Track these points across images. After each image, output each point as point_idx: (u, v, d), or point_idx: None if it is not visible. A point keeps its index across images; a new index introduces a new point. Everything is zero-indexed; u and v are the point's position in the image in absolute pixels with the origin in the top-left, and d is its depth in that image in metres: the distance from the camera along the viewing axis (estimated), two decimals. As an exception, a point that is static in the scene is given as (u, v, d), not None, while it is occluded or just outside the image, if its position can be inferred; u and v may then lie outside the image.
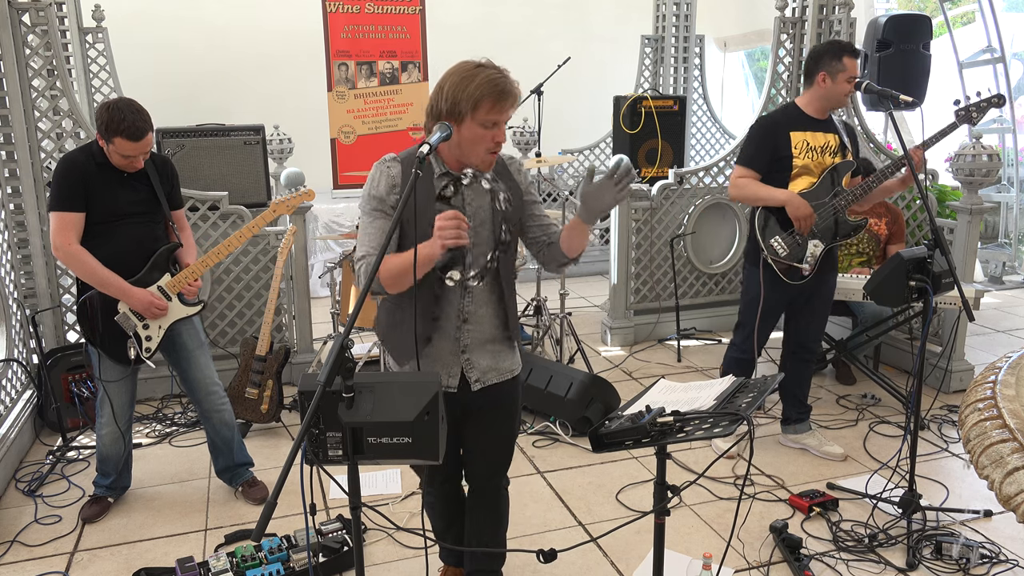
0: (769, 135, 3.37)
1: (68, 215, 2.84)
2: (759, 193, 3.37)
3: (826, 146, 3.38)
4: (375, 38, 6.97)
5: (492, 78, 1.97)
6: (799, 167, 3.35)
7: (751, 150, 3.41)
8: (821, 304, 3.54)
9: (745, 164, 3.41)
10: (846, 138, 3.43)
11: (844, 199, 3.35)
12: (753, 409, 1.80)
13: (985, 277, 7.09)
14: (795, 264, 3.36)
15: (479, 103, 1.96)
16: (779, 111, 3.51)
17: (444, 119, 2.00)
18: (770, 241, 3.38)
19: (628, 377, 4.69)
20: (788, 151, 3.34)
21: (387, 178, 2.07)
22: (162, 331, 3.05)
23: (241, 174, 5.04)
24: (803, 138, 3.35)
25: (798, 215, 3.29)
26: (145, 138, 2.84)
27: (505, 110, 2.00)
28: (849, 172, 3.41)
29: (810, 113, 3.39)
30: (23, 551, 2.97)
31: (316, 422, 1.60)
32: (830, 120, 3.43)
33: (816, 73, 3.33)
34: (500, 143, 2.04)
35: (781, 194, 3.33)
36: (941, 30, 7.05)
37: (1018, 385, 1.63)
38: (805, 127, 3.37)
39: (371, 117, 7.07)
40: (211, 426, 3.26)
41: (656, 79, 7.29)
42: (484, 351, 2.19)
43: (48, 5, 3.90)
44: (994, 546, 2.88)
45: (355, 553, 1.74)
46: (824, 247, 3.37)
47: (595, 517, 3.17)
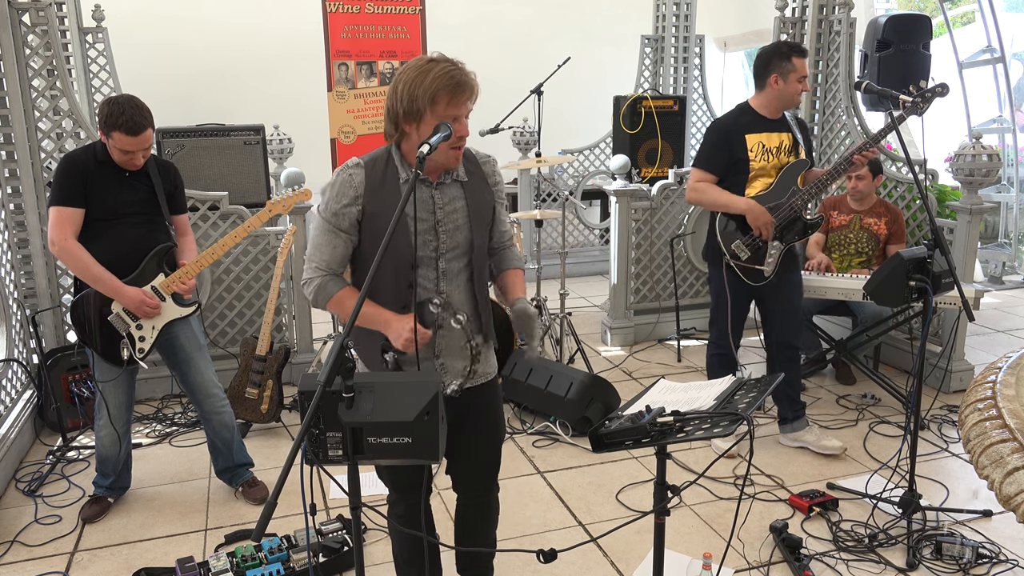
0: (725, 138, 3.42)
1: (66, 210, 2.85)
2: (718, 199, 3.43)
3: (781, 146, 3.43)
4: (375, 38, 6.96)
5: (447, 71, 1.89)
6: (755, 169, 3.41)
7: (708, 153, 3.46)
8: (791, 300, 3.57)
9: (703, 167, 3.45)
10: (799, 135, 3.48)
11: (801, 198, 3.39)
12: (753, 409, 1.80)
13: (985, 277, 7.09)
14: (757, 267, 3.43)
15: (436, 98, 1.89)
16: (733, 113, 3.54)
17: (403, 121, 1.94)
18: (731, 245, 3.44)
19: (628, 377, 4.69)
20: (744, 154, 3.39)
21: (351, 188, 2.00)
22: (156, 332, 3.04)
23: (241, 174, 5.04)
24: (758, 140, 3.40)
25: (759, 223, 3.35)
26: (143, 134, 2.84)
27: (463, 103, 1.93)
28: (804, 170, 3.46)
29: (764, 114, 3.43)
30: (23, 551, 2.97)
31: (316, 422, 1.60)
32: (783, 119, 3.48)
33: (767, 75, 3.37)
34: (463, 137, 1.97)
35: (741, 202, 3.38)
36: (941, 30, 7.05)
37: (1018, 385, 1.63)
38: (760, 128, 3.42)
39: (371, 117, 7.07)
40: (211, 428, 3.26)
41: (656, 79, 7.29)
42: (459, 355, 2.13)
43: (48, 5, 3.90)
44: (994, 546, 2.88)
45: (355, 553, 1.74)
46: (784, 247, 3.43)
47: (595, 517, 3.17)
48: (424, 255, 2.04)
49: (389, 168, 2.03)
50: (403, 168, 2.03)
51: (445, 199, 2.05)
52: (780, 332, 3.60)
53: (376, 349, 2.06)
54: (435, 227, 2.03)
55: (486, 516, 2.42)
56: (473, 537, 2.40)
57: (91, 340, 3.00)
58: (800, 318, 3.67)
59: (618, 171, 5.08)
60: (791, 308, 3.58)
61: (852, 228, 4.45)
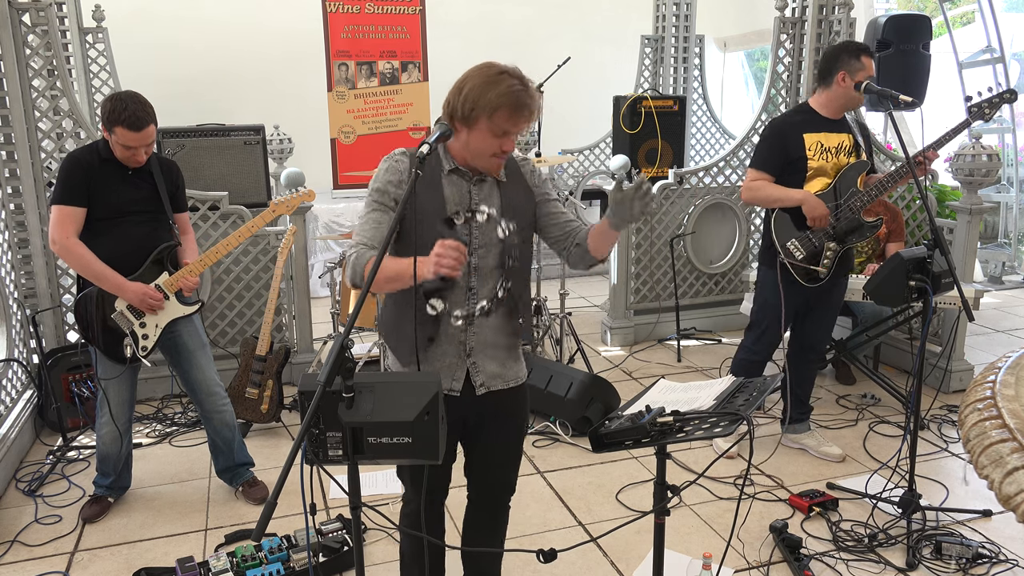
0: (782, 137, 3.34)
1: (68, 209, 2.85)
2: (773, 194, 3.34)
3: (840, 146, 3.36)
4: (375, 38, 6.97)
5: (514, 90, 1.92)
6: (813, 168, 3.32)
7: (764, 152, 3.38)
8: (832, 307, 3.53)
9: (758, 167, 3.38)
10: (860, 138, 3.41)
11: (859, 199, 3.31)
12: (753, 409, 1.80)
13: (985, 277, 7.09)
14: (812, 267, 3.35)
15: (496, 112, 1.91)
16: (792, 112, 3.49)
17: (458, 120, 1.97)
18: (786, 243, 3.35)
19: (628, 377, 4.70)
20: (802, 152, 3.31)
21: (394, 173, 2.04)
22: (159, 330, 3.05)
23: (241, 174, 5.04)
24: (817, 139, 3.33)
25: (814, 215, 3.27)
26: (145, 129, 2.84)
27: (521, 123, 1.96)
28: (864, 172, 3.38)
29: (824, 114, 3.36)
30: (23, 551, 2.97)
31: (316, 422, 1.60)
32: (844, 120, 3.40)
33: (835, 72, 3.28)
34: (508, 152, 2.00)
35: (796, 194, 3.30)
36: (941, 30, 7.06)
37: (1018, 385, 1.63)
38: (819, 128, 3.34)
39: (371, 117, 7.07)
40: (212, 427, 3.27)
41: (656, 79, 7.29)
42: (490, 356, 2.12)
43: (48, 5, 3.90)
44: (994, 546, 2.89)
45: (355, 553, 1.74)
46: (840, 249, 3.35)
47: (595, 517, 3.17)
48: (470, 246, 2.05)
49: (432, 159, 2.07)
50: (446, 160, 2.06)
51: (482, 195, 2.06)
52: (811, 336, 3.54)
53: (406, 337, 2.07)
54: (469, 221, 2.05)
55: (497, 523, 2.39)
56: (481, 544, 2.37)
57: (94, 338, 3.00)
58: (833, 327, 3.61)
59: (618, 171, 5.08)
60: (830, 314, 3.54)
61: (852, 228, 4.45)
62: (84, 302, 2.98)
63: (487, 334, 2.10)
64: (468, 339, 2.09)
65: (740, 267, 5.49)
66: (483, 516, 2.38)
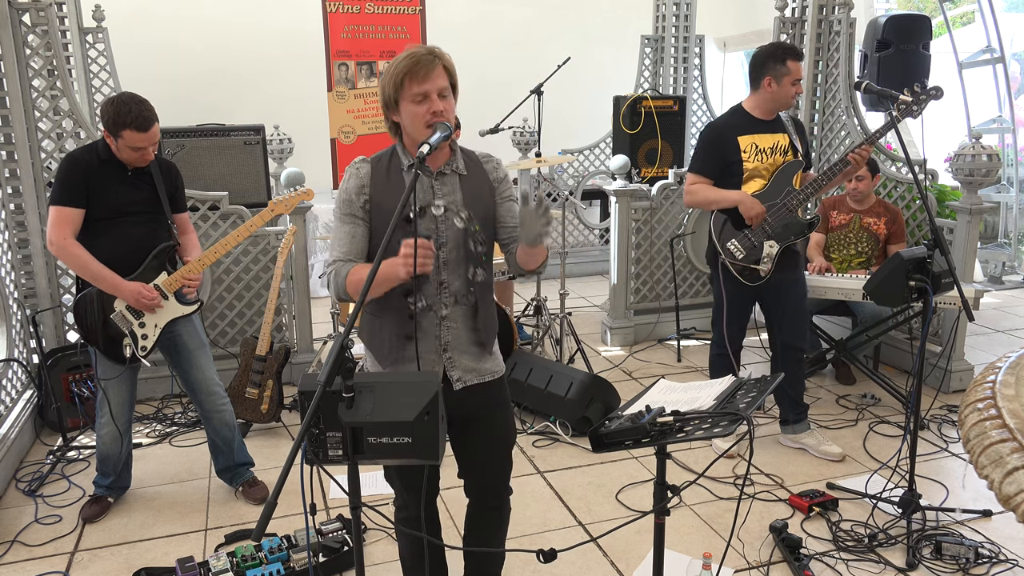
0: (717, 140, 3.45)
1: (66, 210, 2.85)
2: (711, 197, 3.47)
3: (775, 146, 3.44)
4: (375, 38, 6.97)
5: (410, 52, 1.97)
6: (749, 170, 3.42)
7: (701, 157, 3.49)
8: (794, 301, 3.56)
9: (697, 171, 3.50)
10: (795, 136, 3.48)
11: (795, 198, 3.40)
12: (753, 409, 1.80)
13: (985, 277, 7.09)
14: (752, 266, 3.43)
15: (402, 81, 1.97)
16: (726, 115, 3.57)
17: (389, 113, 2.04)
18: (726, 244, 3.46)
19: (628, 377, 4.69)
20: (737, 155, 3.41)
21: (356, 179, 2.07)
22: (158, 330, 3.05)
23: (241, 174, 5.04)
24: (751, 141, 3.42)
25: (751, 214, 3.37)
26: (152, 128, 2.86)
27: (428, 79, 1.96)
28: (799, 170, 3.46)
29: (757, 116, 3.45)
30: (23, 551, 2.97)
31: (316, 422, 1.60)
32: (778, 120, 3.49)
33: (761, 77, 3.40)
34: (437, 112, 1.98)
35: (732, 195, 3.41)
36: (941, 30, 7.06)
37: (1018, 385, 1.63)
38: (752, 130, 3.43)
39: (371, 117, 7.07)
40: (211, 427, 3.27)
41: (656, 79, 7.29)
42: (464, 351, 2.14)
43: (48, 5, 3.90)
44: (994, 546, 2.89)
45: (355, 553, 1.74)
46: (780, 247, 3.43)
47: (595, 517, 3.17)
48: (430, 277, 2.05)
49: (394, 161, 2.11)
50: (405, 156, 2.09)
51: (445, 189, 2.08)
52: (785, 334, 3.58)
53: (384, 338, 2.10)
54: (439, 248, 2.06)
55: (497, 522, 2.39)
56: (483, 544, 2.37)
57: (94, 338, 3.01)
58: (805, 320, 3.67)
59: (618, 171, 5.08)
60: (795, 309, 3.57)
61: (852, 228, 4.45)
62: (83, 303, 2.98)
63: (461, 329, 2.12)
64: (443, 334, 2.10)
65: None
66: (482, 515, 2.38)
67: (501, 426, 2.27)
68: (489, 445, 2.26)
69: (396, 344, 2.10)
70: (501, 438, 2.28)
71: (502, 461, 2.30)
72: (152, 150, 2.92)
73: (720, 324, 3.59)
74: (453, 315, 2.10)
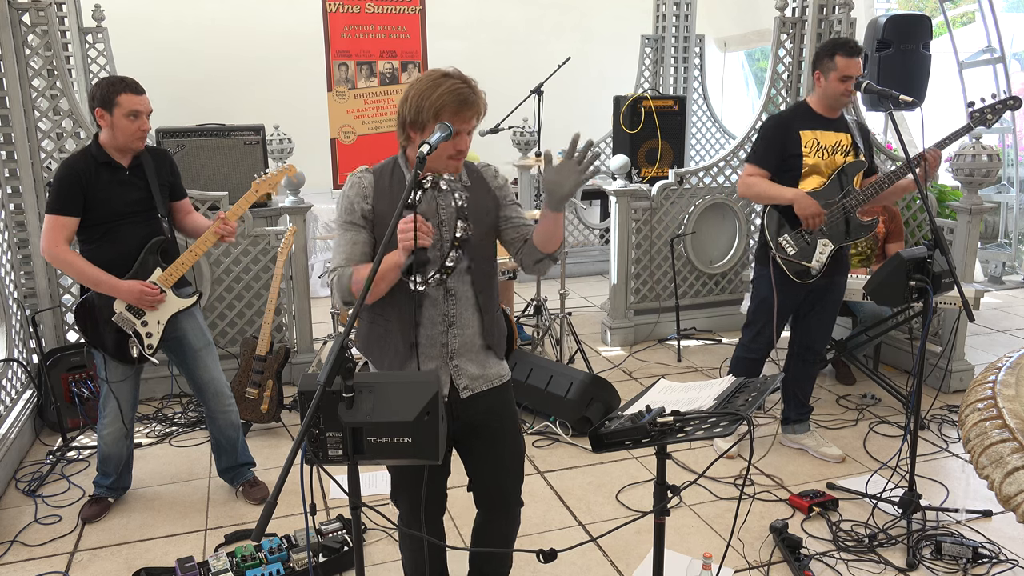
0: (779, 133, 3.35)
1: (61, 219, 2.85)
2: (767, 191, 3.35)
3: (837, 145, 3.35)
4: (375, 38, 6.97)
5: (455, 88, 1.95)
6: (809, 166, 3.33)
7: (761, 148, 3.39)
8: (830, 306, 3.53)
9: (755, 162, 3.39)
10: (859, 138, 3.41)
11: (855, 199, 3.32)
12: (753, 409, 1.80)
13: (985, 277, 7.09)
14: (804, 263, 3.34)
15: (441, 112, 1.94)
16: (790, 109, 3.50)
17: (409, 128, 2.00)
18: (779, 240, 3.36)
19: (628, 377, 4.69)
20: (798, 149, 3.32)
21: (358, 188, 2.07)
22: (161, 326, 3.04)
23: (241, 174, 5.04)
24: (813, 137, 3.33)
25: (806, 213, 3.27)
26: (145, 95, 2.88)
27: (467, 120, 1.98)
28: (861, 172, 3.38)
29: (819, 112, 3.37)
30: (23, 551, 2.97)
31: (316, 422, 1.60)
32: (842, 119, 3.40)
33: (814, 72, 3.35)
34: (462, 151, 2.02)
35: (789, 192, 3.31)
36: (941, 30, 7.06)
37: (1018, 385, 1.63)
38: (815, 126, 3.35)
39: (371, 117, 7.07)
40: (216, 427, 3.26)
41: (656, 79, 7.29)
42: (471, 359, 2.12)
43: (48, 5, 3.90)
44: (994, 546, 2.88)
45: (355, 553, 1.74)
46: (834, 247, 3.35)
47: (595, 517, 3.17)
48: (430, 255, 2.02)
49: (396, 173, 2.10)
50: (408, 171, 2.08)
51: (447, 200, 2.07)
52: (811, 336, 3.54)
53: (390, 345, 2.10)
54: (439, 227, 2.05)
55: (506, 532, 2.34)
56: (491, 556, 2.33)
57: (100, 342, 3.01)
58: (832, 327, 3.61)
59: (618, 171, 5.08)
60: (828, 314, 3.53)
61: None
62: (84, 308, 2.98)
63: (468, 335, 2.11)
64: (450, 341, 2.09)
65: (740, 267, 5.49)
66: (492, 525, 2.33)
67: (512, 433, 2.23)
68: (501, 454, 2.22)
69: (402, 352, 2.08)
70: (513, 446, 2.24)
71: (516, 470, 2.26)
72: (147, 121, 2.90)
73: (757, 325, 3.50)
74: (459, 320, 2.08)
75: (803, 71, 5.10)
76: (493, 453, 2.22)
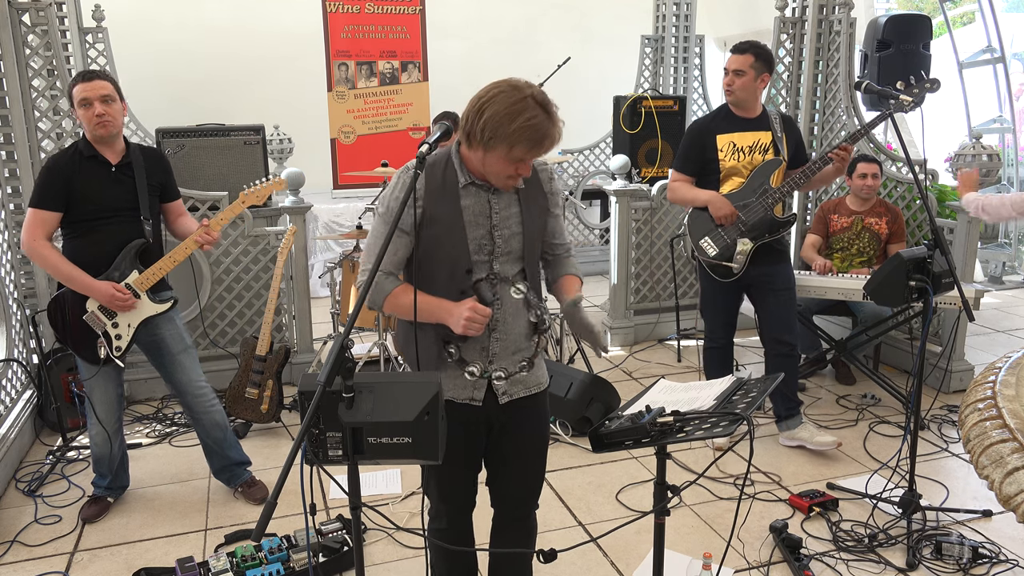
0: (697, 139, 3.52)
1: (41, 213, 2.85)
2: (687, 195, 3.54)
3: (756, 144, 3.46)
4: (375, 38, 6.98)
5: (534, 123, 1.82)
6: (727, 168, 3.47)
7: (682, 155, 3.57)
8: (780, 295, 3.58)
9: (677, 169, 3.59)
10: (780, 133, 3.49)
11: (771, 196, 3.43)
12: (753, 409, 1.80)
13: (985, 277, 7.09)
14: (725, 264, 3.48)
15: (516, 145, 1.83)
16: (710, 114, 3.64)
17: (476, 141, 1.87)
18: (699, 242, 3.51)
19: (628, 377, 4.70)
20: (714, 154, 3.46)
21: (405, 190, 1.92)
22: (132, 329, 3.01)
23: (241, 174, 5.04)
24: (729, 140, 3.46)
25: (719, 214, 3.43)
26: (98, 81, 2.85)
27: (541, 154, 1.90)
28: (778, 169, 3.47)
29: (738, 113, 3.48)
30: (23, 551, 2.97)
31: (316, 422, 1.60)
32: (763, 117, 3.50)
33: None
34: (522, 175, 1.94)
35: (703, 195, 3.48)
36: (941, 30, 7.06)
37: (1018, 385, 1.63)
38: (732, 128, 3.46)
39: (371, 117, 7.08)
40: (202, 428, 3.24)
41: (656, 79, 7.29)
42: (512, 362, 2.07)
43: (48, 5, 3.91)
44: (994, 546, 2.89)
45: (355, 553, 1.74)
46: (753, 245, 3.46)
47: (595, 517, 3.17)
48: (479, 259, 1.99)
49: (448, 171, 1.99)
50: (462, 173, 1.98)
51: (502, 204, 2.01)
52: (772, 327, 3.62)
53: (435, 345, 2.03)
54: (491, 231, 2.00)
55: (525, 536, 2.31)
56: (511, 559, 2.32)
57: (66, 339, 3.00)
58: (792, 313, 3.65)
59: (618, 171, 5.08)
60: (780, 303, 3.58)
61: (854, 229, 4.45)
62: (56, 304, 2.98)
63: (511, 339, 2.05)
64: (491, 345, 2.03)
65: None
66: (508, 527, 2.31)
67: (540, 438, 2.20)
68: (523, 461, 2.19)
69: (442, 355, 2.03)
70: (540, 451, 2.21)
71: (539, 469, 2.23)
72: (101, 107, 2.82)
73: (706, 317, 3.71)
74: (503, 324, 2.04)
75: (803, 71, 5.10)
76: (520, 460, 2.18)
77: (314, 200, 4.87)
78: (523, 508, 2.28)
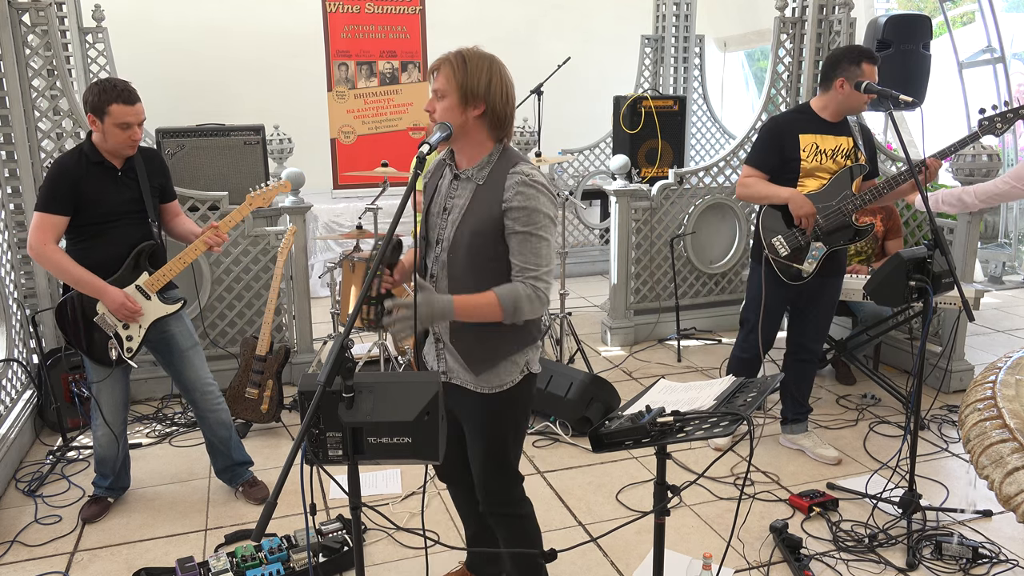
0: (778, 136, 3.35)
1: (50, 217, 2.83)
2: (764, 191, 3.38)
3: (837, 149, 3.35)
4: (375, 38, 6.97)
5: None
6: (806, 170, 3.34)
7: (760, 150, 3.41)
8: (825, 307, 3.52)
9: (753, 164, 3.42)
10: (861, 141, 3.41)
11: (852, 203, 3.33)
12: (753, 409, 1.80)
13: (985, 277, 7.09)
14: (796, 265, 3.36)
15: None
16: (792, 112, 3.51)
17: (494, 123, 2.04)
18: (772, 240, 3.38)
19: (628, 377, 4.69)
20: (796, 153, 3.32)
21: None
22: (143, 331, 3.03)
23: (241, 174, 5.05)
24: (813, 141, 3.33)
25: (800, 213, 3.29)
26: (139, 103, 2.84)
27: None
28: (860, 176, 3.38)
29: (824, 116, 3.36)
30: (23, 551, 2.97)
31: (316, 422, 1.60)
32: (844, 123, 3.40)
33: (834, 78, 3.29)
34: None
35: (785, 191, 3.33)
36: (941, 30, 7.06)
37: (1018, 385, 1.63)
38: (816, 130, 3.35)
39: (371, 117, 7.07)
40: (207, 426, 3.25)
41: (656, 79, 7.29)
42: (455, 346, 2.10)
43: (48, 5, 3.90)
44: (994, 546, 2.88)
45: (355, 553, 1.74)
46: (827, 250, 3.36)
47: (595, 517, 3.17)
48: (431, 238, 2.11)
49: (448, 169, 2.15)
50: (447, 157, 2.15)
51: (457, 191, 2.08)
52: (805, 335, 3.54)
53: None
54: (441, 212, 2.10)
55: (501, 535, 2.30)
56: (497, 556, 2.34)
57: (78, 342, 3.00)
58: (829, 325, 3.61)
59: (618, 171, 5.08)
60: (824, 313, 3.53)
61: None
62: (65, 307, 2.97)
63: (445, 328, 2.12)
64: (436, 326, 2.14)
65: (740, 267, 5.49)
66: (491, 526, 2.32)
67: (477, 433, 2.17)
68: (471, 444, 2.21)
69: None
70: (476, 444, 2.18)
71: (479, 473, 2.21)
72: (139, 130, 2.87)
73: (750, 322, 3.52)
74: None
75: (803, 71, 5.10)
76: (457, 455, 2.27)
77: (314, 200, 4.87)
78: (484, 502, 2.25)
